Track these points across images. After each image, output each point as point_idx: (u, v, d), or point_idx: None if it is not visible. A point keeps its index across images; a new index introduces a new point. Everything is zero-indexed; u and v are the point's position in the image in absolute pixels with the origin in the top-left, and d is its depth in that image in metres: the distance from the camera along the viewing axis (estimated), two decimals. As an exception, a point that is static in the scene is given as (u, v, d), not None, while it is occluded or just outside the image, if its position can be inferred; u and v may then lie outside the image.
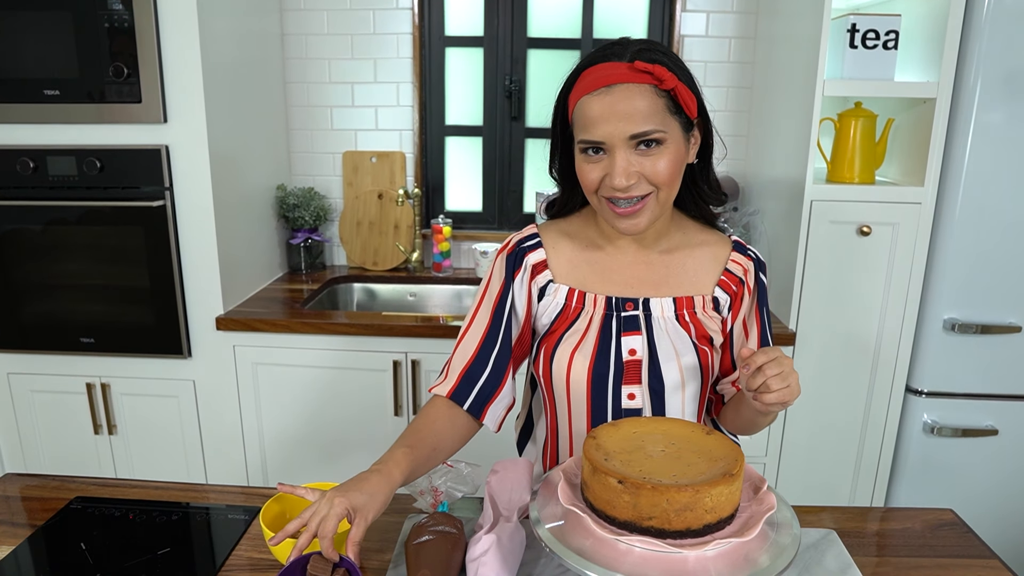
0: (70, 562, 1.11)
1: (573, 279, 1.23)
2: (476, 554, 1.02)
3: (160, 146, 2.09)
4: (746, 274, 1.23)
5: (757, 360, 1.02)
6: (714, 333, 1.22)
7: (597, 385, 1.19)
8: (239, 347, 2.22)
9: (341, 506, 0.96)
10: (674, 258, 1.23)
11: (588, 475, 0.94)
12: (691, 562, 0.88)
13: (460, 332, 1.26)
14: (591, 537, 0.91)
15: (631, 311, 1.20)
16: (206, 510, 1.26)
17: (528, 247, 1.25)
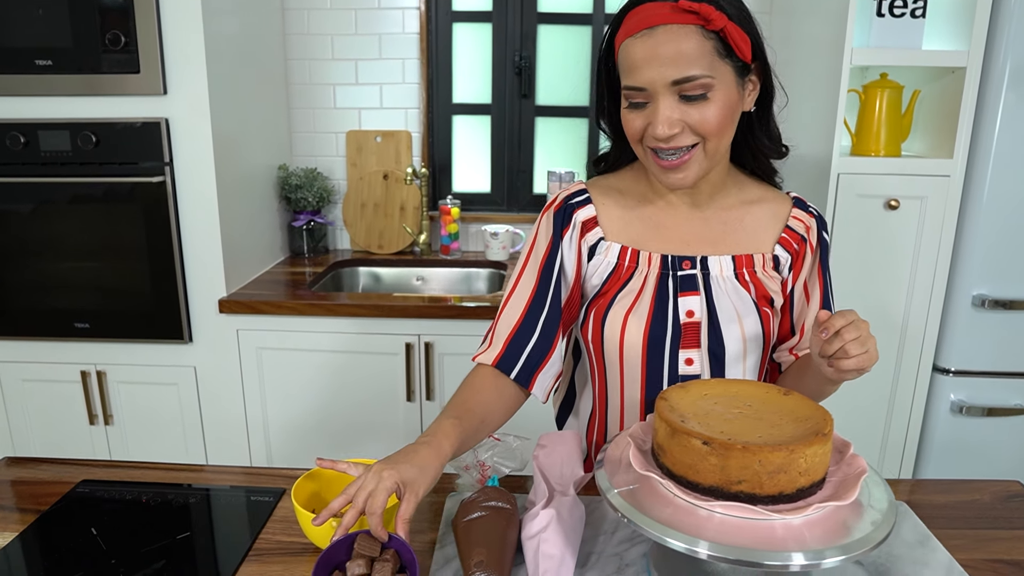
0: (80, 548, 1.01)
1: (625, 237, 1.15)
2: (534, 530, 0.93)
3: (159, 119, 1.99)
4: (808, 232, 1.15)
5: (835, 323, 0.93)
6: (775, 294, 1.14)
7: (653, 349, 1.11)
8: (243, 331, 2.11)
9: (391, 479, 0.89)
10: (731, 215, 1.15)
11: (665, 438, 0.86)
12: (779, 529, 0.79)
13: (504, 296, 1.17)
14: (670, 505, 0.83)
15: (688, 270, 1.12)
16: (227, 491, 1.16)
17: (577, 203, 1.17)
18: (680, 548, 0.78)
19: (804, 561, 0.75)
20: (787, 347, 1.20)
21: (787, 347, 1.20)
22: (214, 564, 0.99)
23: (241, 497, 1.15)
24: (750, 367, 1.14)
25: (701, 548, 0.77)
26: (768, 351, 1.17)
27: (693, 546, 0.77)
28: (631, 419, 1.15)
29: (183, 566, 0.98)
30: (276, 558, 1.00)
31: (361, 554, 0.88)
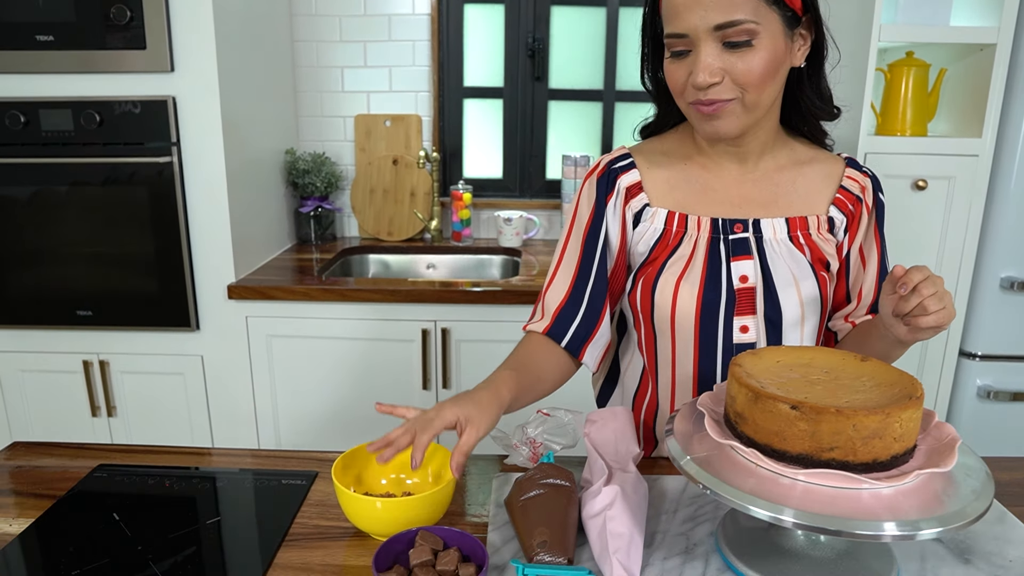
0: (103, 535, 0.94)
1: (672, 201, 1.09)
2: (598, 507, 0.87)
3: (166, 97, 1.91)
4: (864, 192, 1.10)
5: (913, 278, 0.88)
6: (831, 258, 1.09)
7: (707, 316, 1.05)
8: (252, 318, 2.04)
9: (451, 413, 0.91)
10: (782, 176, 1.10)
11: (746, 405, 0.80)
12: (868, 499, 0.74)
13: (551, 268, 1.13)
14: (751, 475, 0.77)
15: (740, 233, 1.07)
16: (255, 475, 1.09)
17: (620, 168, 1.11)
18: (763, 516, 0.72)
19: (897, 532, 0.70)
20: (843, 315, 1.14)
21: (843, 315, 1.14)
22: (249, 550, 0.92)
23: (271, 481, 1.08)
24: (808, 334, 1.09)
25: (787, 516, 0.71)
26: (825, 318, 1.11)
27: (778, 514, 0.71)
28: (683, 391, 1.10)
29: (215, 552, 0.91)
30: (315, 543, 0.93)
31: (423, 544, 0.82)
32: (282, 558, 0.90)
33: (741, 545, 0.86)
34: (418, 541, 0.83)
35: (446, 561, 0.81)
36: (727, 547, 0.86)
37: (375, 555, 0.80)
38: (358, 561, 0.89)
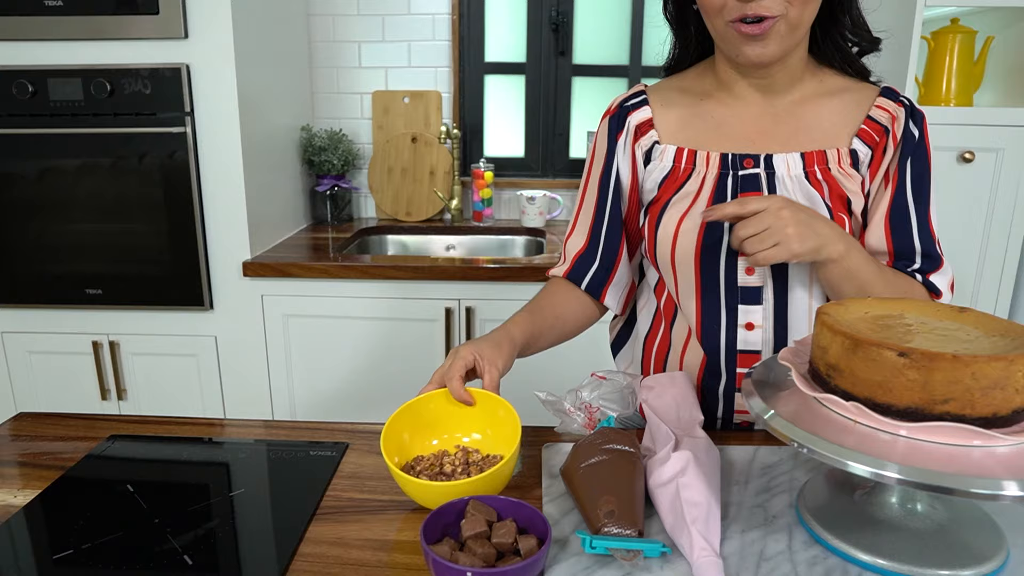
0: (116, 507, 0.86)
1: (683, 137, 1.03)
2: (668, 474, 0.78)
3: (180, 65, 1.83)
4: (893, 122, 0.99)
5: (723, 211, 0.89)
6: (852, 195, 0.99)
7: (707, 256, 0.99)
8: (268, 297, 1.96)
9: (467, 351, 0.92)
10: (807, 108, 1.01)
11: (842, 355, 0.71)
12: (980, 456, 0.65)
13: (574, 213, 1.13)
14: (847, 432, 0.68)
15: (750, 168, 0.99)
16: (281, 446, 1.01)
17: (632, 106, 1.07)
18: (863, 472, 0.63)
19: (1018, 492, 0.61)
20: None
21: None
22: (276, 524, 0.83)
23: (299, 452, 0.99)
24: (819, 279, 0.99)
25: (890, 472, 0.62)
26: None
27: (880, 470, 0.62)
28: (685, 334, 1.05)
29: (240, 525, 0.83)
30: (350, 516, 0.84)
31: (474, 513, 0.73)
32: (314, 532, 0.81)
33: (827, 516, 0.77)
34: (469, 511, 0.74)
35: (502, 533, 0.72)
36: (812, 518, 0.77)
37: (423, 526, 0.71)
38: (399, 535, 0.80)
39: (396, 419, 0.89)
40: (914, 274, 0.99)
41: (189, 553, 0.77)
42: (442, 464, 0.88)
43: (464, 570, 0.66)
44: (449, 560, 0.68)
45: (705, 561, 0.68)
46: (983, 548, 0.73)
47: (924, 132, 0.99)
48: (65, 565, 0.75)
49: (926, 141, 1.00)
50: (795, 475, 0.89)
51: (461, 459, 0.88)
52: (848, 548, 0.73)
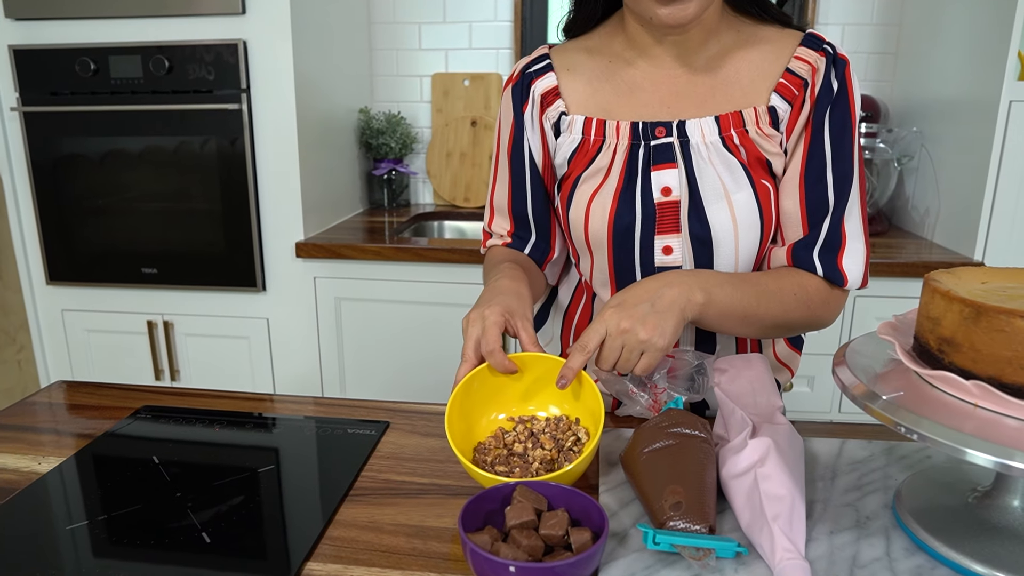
0: (138, 479, 0.80)
1: (592, 106, 0.93)
2: (745, 464, 0.68)
3: (237, 41, 1.80)
4: (813, 74, 0.87)
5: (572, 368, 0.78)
6: (772, 156, 0.88)
7: (620, 237, 0.90)
8: (320, 279, 1.91)
9: (496, 313, 0.81)
10: (725, 63, 0.90)
11: (960, 327, 0.59)
12: None
13: (488, 188, 1.05)
14: (968, 417, 0.57)
15: (662, 137, 0.89)
16: (316, 423, 0.94)
17: (535, 72, 0.96)
18: (987, 463, 0.53)
19: None
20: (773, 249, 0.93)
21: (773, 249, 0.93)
22: (304, 503, 0.76)
23: (335, 430, 0.92)
24: (745, 255, 0.90)
25: (1020, 462, 0.51)
26: (770, 231, 0.90)
27: (1008, 460, 0.51)
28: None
29: (264, 504, 0.76)
30: (385, 499, 0.77)
31: (521, 500, 0.64)
32: (345, 514, 0.74)
33: (933, 520, 0.66)
34: (516, 498, 0.66)
35: (552, 524, 0.63)
36: (915, 522, 0.66)
37: (462, 511, 0.63)
38: (437, 521, 0.72)
39: (451, 412, 0.80)
40: (813, 261, 0.87)
41: (208, 531, 0.70)
42: (507, 445, 0.79)
43: (506, 563, 0.57)
44: (489, 551, 0.59)
45: (790, 564, 0.58)
46: None
47: (847, 82, 0.87)
48: (77, 536, 0.69)
49: (849, 92, 0.87)
50: (889, 472, 0.77)
51: (524, 432, 0.80)
52: (961, 558, 0.61)
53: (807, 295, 0.87)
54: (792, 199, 0.89)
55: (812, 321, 0.89)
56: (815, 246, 0.88)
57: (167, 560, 0.66)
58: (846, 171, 0.87)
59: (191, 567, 0.65)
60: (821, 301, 0.88)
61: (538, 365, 0.82)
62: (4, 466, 0.83)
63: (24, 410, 0.98)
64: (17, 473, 0.81)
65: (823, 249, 0.87)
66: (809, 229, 0.88)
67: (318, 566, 0.66)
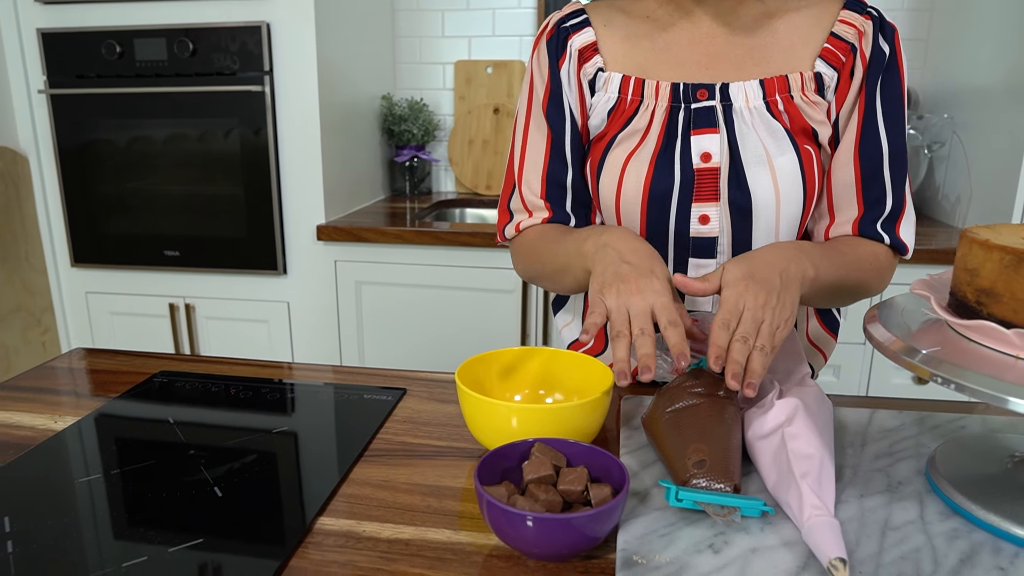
0: (153, 437, 0.79)
1: (630, 63, 0.89)
2: (772, 424, 0.65)
3: (260, 23, 1.80)
4: (860, 38, 0.84)
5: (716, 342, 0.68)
6: (817, 125, 0.85)
7: (655, 204, 0.86)
8: (341, 263, 1.91)
9: (662, 267, 0.73)
10: (764, 26, 0.87)
11: (999, 276, 0.57)
12: None
13: (516, 161, 0.96)
14: (1010, 369, 0.54)
15: (704, 100, 0.85)
16: (333, 388, 0.93)
17: (571, 27, 0.92)
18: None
19: None
20: (823, 227, 0.90)
21: (823, 227, 0.90)
22: (319, 462, 0.75)
23: (352, 395, 0.91)
24: (787, 225, 0.86)
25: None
26: (813, 199, 0.87)
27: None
28: None
29: (278, 461, 0.75)
30: (400, 459, 0.75)
31: (539, 456, 0.63)
32: (359, 473, 0.72)
33: (970, 485, 0.63)
34: (534, 454, 0.64)
35: (571, 479, 0.61)
36: (950, 486, 0.63)
37: (478, 465, 0.61)
38: (452, 481, 0.71)
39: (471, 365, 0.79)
40: (879, 232, 0.86)
41: (220, 486, 0.69)
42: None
43: (524, 515, 0.56)
44: (506, 503, 0.58)
45: (819, 521, 0.55)
46: None
47: (896, 47, 0.85)
48: (90, 488, 0.69)
49: (898, 58, 0.85)
50: (922, 440, 0.74)
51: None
52: (1000, 521, 0.58)
53: (879, 263, 0.86)
54: (847, 171, 0.86)
55: (879, 288, 0.87)
56: (880, 218, 0.86)
57: (178, 512, 0.65)
58: (900, 143, 0.86)
59: (202, 518, 0.64)
60: (888, 267, 0.87)
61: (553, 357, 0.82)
62: (21, 424, 0.83)
63: (43, 373, 0.98)
64: (33, 430, 0.81)
65: (886, 220, 0.86)
66: (864, 201, 0.86)
67: (331, 520, 0.64)
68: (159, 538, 0.61)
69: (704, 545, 0.57)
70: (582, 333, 0.69)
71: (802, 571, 0.54)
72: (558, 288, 0.94)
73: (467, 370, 0.78)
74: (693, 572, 0.54)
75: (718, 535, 0.58)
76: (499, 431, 0.70)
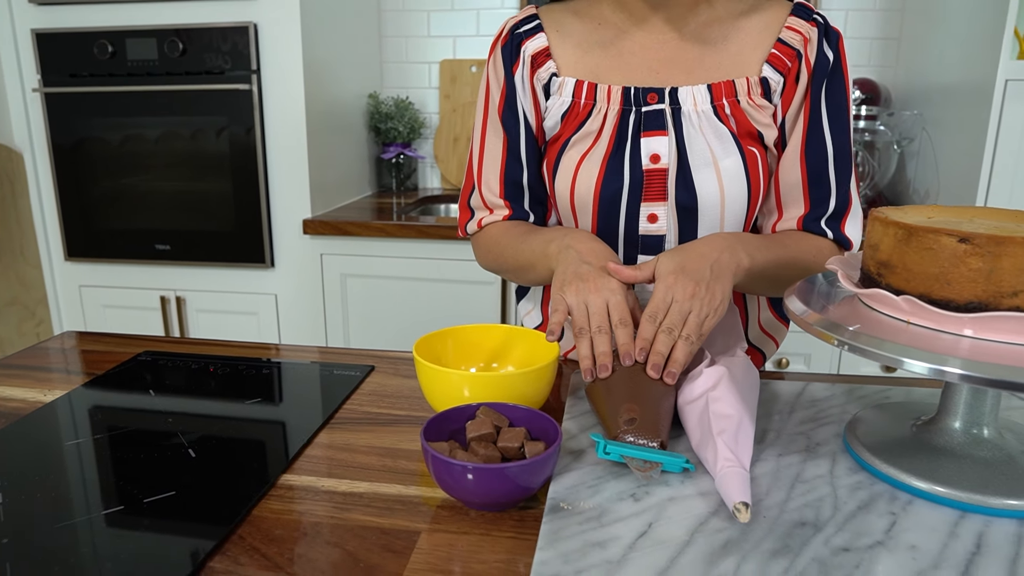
0: (133, 408, 0.85)
1: (583, 68, 0.94)
2: (700, 390, 0.71)
3: (247, 24, 1.86)
4: (805, 45, 0.89)
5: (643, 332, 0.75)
6: (763, 127, 0.90)
7: (607, 204, 0.91)
8: (327, 256, 1.96)
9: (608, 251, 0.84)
10: (713, 32, 0.92)
11: (894, 249, 0.63)
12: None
13: (474, 164, 1.02)
14: (903, 333, 0.60)
15: (654, 104, 0.90)
16: (306, 366, 0.99)
17: (525, 32, 0.96)
18: (921, 370, 0.55)
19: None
20: (771, 223, 0.96)
21: (771, 223, 0.96)
22: (287, 429, 0.80)
23: (323, 370, 0.97)
24: (731, 223, 0.91)
25: (952, 367, 0.54)
26: (758, 200, 0.92)
27: (941, 365, 0.54)
28: None
29: (250, 429, 0.80)
30: (363, 427, 0.81)
31: (484, 417, 0.69)
32: (323, 438, 0.78)
33: (879, 444, 0.69)
34: (478, 415, 0.70)
35: (509, 437, 0.67)
36: (861, 445, 0.69)
37: (425, 425, 0.67)
38: (409, 445, 0.76)
39: (431, 339, 0.85)
40: (823, 228, 0.92)
41: (194, 447, 0.75)
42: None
43: (464, 465, 0.61)
44: (448, 456, 0.63)
45: (729, 471, 0.61)
46: (1063, 482, 0.63)
47: (841, 53, 0.90)
48: (78, 450, 0.74)
49: (843, 64, 0.90)
50: (848, 408, 0.80)
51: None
52: (899, 474, 0.64)
53: (822, 256, 0.91)
54: (794, 171, 0.92)
55: None
56: (825, 216, 0.92)
57: (155, 470, 0.71)
58: (844, 143, 0.91)
59: (177, 476, 0.70)
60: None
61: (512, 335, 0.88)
62: (12, 396, 0.88)
63: (34, 353, 1.03)
64: (24, 403, 0.87)
65: (830, 217, 0.92)
66: (811, 200, 0.92)
67: (294, 477, 0.70)
68: (136, 491, 0.67)
69: (627, 495, 0.63)
70: (548, 334, 0.76)
71: (712, 516, 0.60)
72: (521, 281, 1.01)
73: (425, 344, 0.84)
74: (612, 516, 0.60)
75: (641, 486, 0.64)
76: (452, 399, 0.76)
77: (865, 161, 2.11)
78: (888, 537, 0.57)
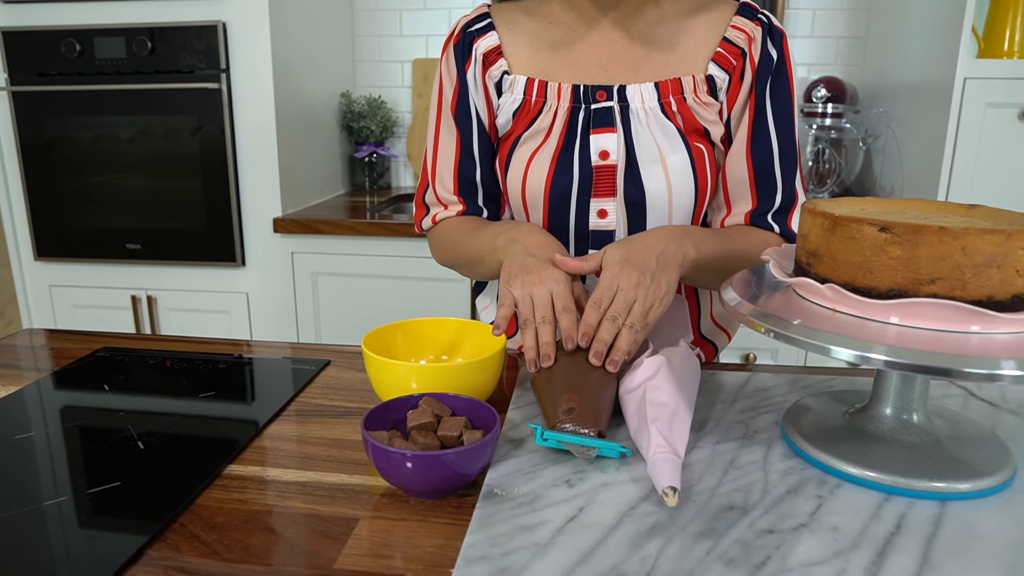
0: (85, 403, 0.85)
1: (534, 67, 0.96)
2: (640, 379, 0.72)
3: (216, 23, 1.86)
4: (750, 43, 0.91)
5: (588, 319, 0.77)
6: (710, 124, 0.92)
7: (557, 200, 0.93)
8: (298, 254, 1.97)
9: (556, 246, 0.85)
10: (661, 31, 0.94)
11: (821, 238, 0.64)
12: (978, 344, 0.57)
13: (428, 162, 1.04)
14: (829, 321, 0.61)
15: (603, 101, 0.92)
16: (262, 360, 0.99)
17: (477, 31, 0.98)
18: (847, 357, 0.57)
19: (1017, 371, 0.53)
20: (720, 218, 0.98)
21: (720, 218, 0.98)
22: (237, 421, 0.81)
23: (278, 365, 0.97)
24: (679, 218, 0.93)
25: (877, 354, 0.55)
26: (706, 195, 0.94)
27: (866, 352, 0.56)
28: None
29: (200, 424, 0.81)
30: (313, 419, 0.82)
31: (426, 407, 0.70)
32: (273, 430, 0.79)
33: (812, 431, 0.70)
34: (420, 405, 0.71)
35: (449, 426, 0.68)
36: (796, 432, 0.71)
37: (366, 415, 0.68)
38: (355, 436, 0.77)
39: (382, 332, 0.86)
40: (769, 222, 0.94)
41: (143, 440, 0.76)
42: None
43: (402, 453, 0.62)
44: (386, 444, 0.64)
45: (660, 457, 0.62)
46: (984, 463, 0.65)
47: (784, 52, 0.92)
48: (21, 446, 0.75)
49: (787, 62, 0.92)
50: (789, 398, 0.82)
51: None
52: (830, 459, 0.66)
53: (768, 244, 0.92)
54: (741, 168, 0.93)
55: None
56: (771, 211, 0.94)
57: (103, 462, 0.71)
58: (790, 139, 0.93)
59: (123, 467, 0.70)
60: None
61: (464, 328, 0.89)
62: (-37, 393, 0.89)
63: (-10, 351, 1.03)
64: (-25, 399, 0.87)
65: (777, 212, 0.94)
66: (758, 196, 0.93)
67: (240, 467, 0.71)
68: (81, 482, 0.67)
69: (561, 481, 0.64)
70: (494, 328, 0.77)
71: (642, 501, 0.61)
72: (474, 275, 1.02)
73: (376, 337, 0.85)
74: (544, 502, 0.61)
75: (576, 472, 0.65)
76: (399, 390, 0.77)
77: (832, 158, 2.14)
78: (812, 519, 0.59)
